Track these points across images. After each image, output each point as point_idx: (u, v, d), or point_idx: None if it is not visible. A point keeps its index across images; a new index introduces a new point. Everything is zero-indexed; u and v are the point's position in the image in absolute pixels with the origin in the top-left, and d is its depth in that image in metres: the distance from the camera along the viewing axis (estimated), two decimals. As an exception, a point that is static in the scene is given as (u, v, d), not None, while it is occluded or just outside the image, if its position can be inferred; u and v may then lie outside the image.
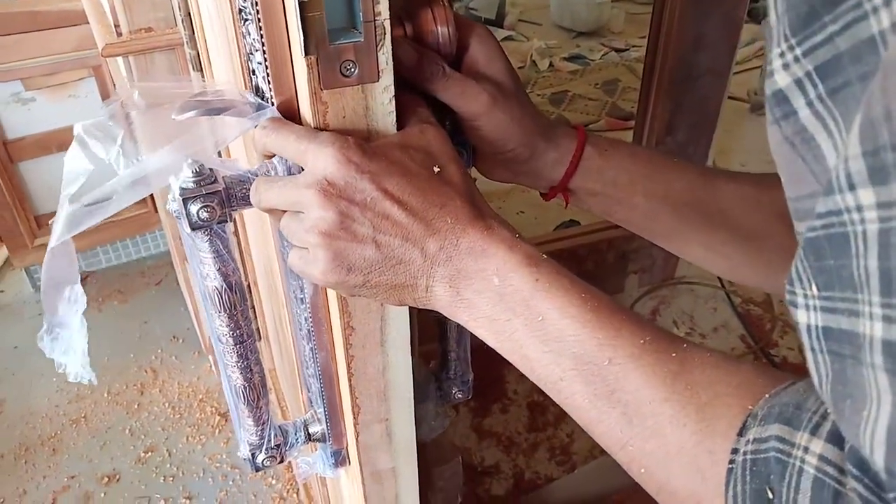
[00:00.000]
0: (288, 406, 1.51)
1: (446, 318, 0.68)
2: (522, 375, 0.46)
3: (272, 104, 0.47)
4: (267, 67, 0.46)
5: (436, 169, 0.45)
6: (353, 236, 0.43)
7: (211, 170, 0.50)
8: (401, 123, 0.48)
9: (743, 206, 0.60)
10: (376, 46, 0.43)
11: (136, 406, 1.88)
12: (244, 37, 0.50)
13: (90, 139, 0.48)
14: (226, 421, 1.84)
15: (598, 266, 2.03)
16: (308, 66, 0.42)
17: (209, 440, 1.79)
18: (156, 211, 2.23)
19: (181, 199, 0.49)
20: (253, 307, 1.52)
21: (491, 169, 0.61)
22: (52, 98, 1.94)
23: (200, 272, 0.54)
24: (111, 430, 1.82)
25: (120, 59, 1.35)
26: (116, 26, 1.31)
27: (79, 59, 1.88)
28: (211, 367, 1.97)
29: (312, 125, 0.45)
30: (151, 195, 2.18)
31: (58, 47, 1.83)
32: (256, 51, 0.47)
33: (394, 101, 0.46)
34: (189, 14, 1.26)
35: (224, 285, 0.54)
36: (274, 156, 0.48)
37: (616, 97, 3.14)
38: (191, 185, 0.49)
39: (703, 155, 1.91)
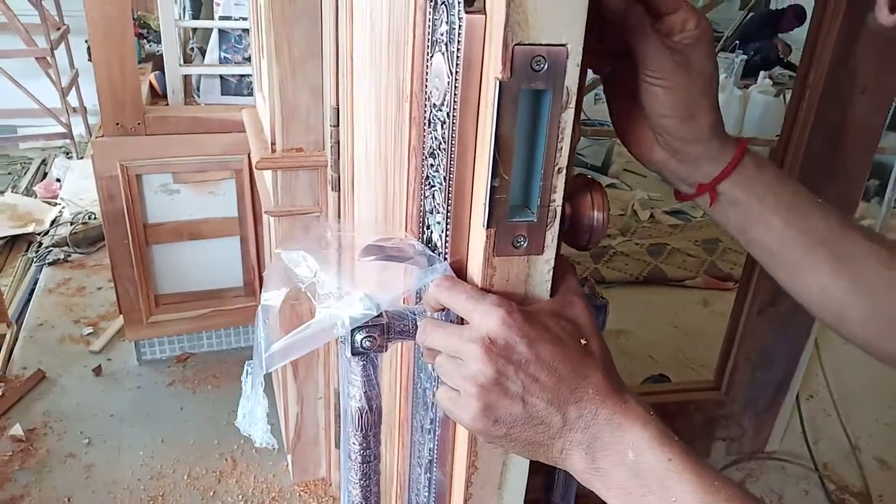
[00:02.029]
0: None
1: (554, 470, 0.70)
2: None
3: (444, 259, 0.54)
4: (447, 229, 0.53)
5: (583, 341, 0.50)
6: (505, 393, 0.48)
7: (378, 305, 0.56)
8: (552, 290, 0.53)
9: (873, 262, 0.61)
10: (546, 226, 0.50)
11: (211, 493, 1.92)
12: (424, 198, 0.58)
13: (291, 264, 0.56)
14: (293, 524, 1.85)
15: (684, 426, 1.99)
16: (487, 236, 0.49)
17: (275, 540, 1.80)
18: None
19: (350, 327, 0.55)
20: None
21: (650, 148, 0.63)
22: (194, 192, 2.13)
23: (348, 392, 0.60)
24: (184, 514, 1.87)
25: (269, 171, 1.50)
26: (273, 143, 1.46)
27: (224, 162, 2.08)
28: (287, 466, 2.00)
29: (479, 285, 0.51)
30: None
31: (210, 149, 2.04)
32: (438, 213, 0.54)
33: (552, 272, 0.52)
34: (338, 143, 1.41)
35: (366, 407, 0.60)
36: (444, 308, 0.54)
37: (716, 256, 3.15)
38: (360, 315, 0.55)
39: (807, 330, 1.88)
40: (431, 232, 0.57)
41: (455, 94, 0.49)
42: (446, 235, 0.53)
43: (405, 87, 0.72)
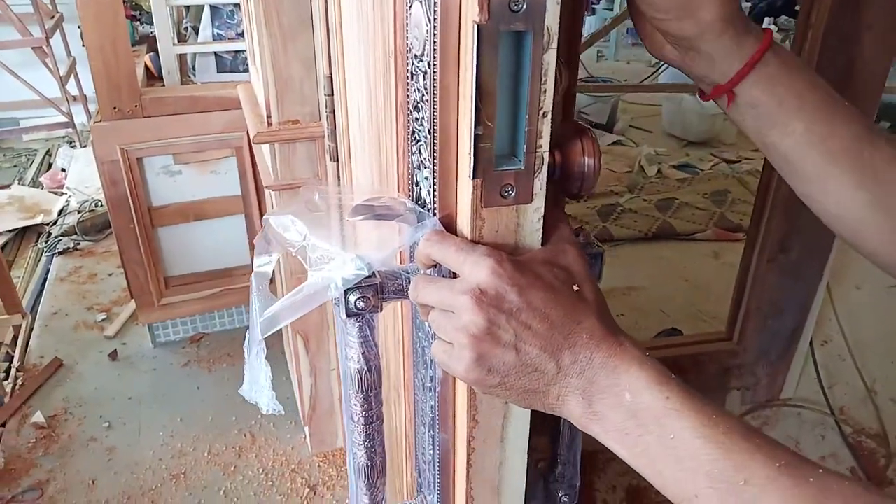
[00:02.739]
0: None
1: (559, 419, 0.70)
2: (613, 485, 0.48)
3: (433, 215, 0.53)
4: (434, 184, 0.52)
5: (575, 287, 0.49)
6: (498, 341, 0.47)
7: (369, 265, 0.56)
8: (545, 239, 0.53)
9: None
10: (533, 174, 0.49)
11: (232, 468, 1.95)
12: (411, 154, 0.57)
13: (279, 229, 0.55)
14: (314, 494, 1.88)
15: (699, 378, 1.99)
16: (474, 187, 0.48)
17: (297, 511, 1.83)
18: (272, 282, 2.37)
19: (343, 289, 0.55)
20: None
21: (662, 47, 0.59)
22: (196, 172, 2.13)
23: (346, 354, 0.60)
24: (207, 490, 1.89)
25: (267, 146, 1.49)
26: (268, 117, 1.45)
27: (224, 140, 2.07)
28: (305, 438, 2.02)
29: (469, 237, 0.50)
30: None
31: (208, 128, 2.03)
32: (425, 168, 0.53)
33: (542, 221, 0.51)
34: (333, 112, 1.39)
35: (365, 368, 0.60)
36: (435, 264, 0.53)
37: (725, 208, 3.12)
38: (352, 276, 0.55)
39: (818, 276, 1.87)
40: (420, 188, 0.56)
41: (434, 43, 0.48)
42: (434, 190, 0.53)
43: (390, 42, 0.70)
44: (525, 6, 0.44)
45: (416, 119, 0.54)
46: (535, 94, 0.46)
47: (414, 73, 0.53)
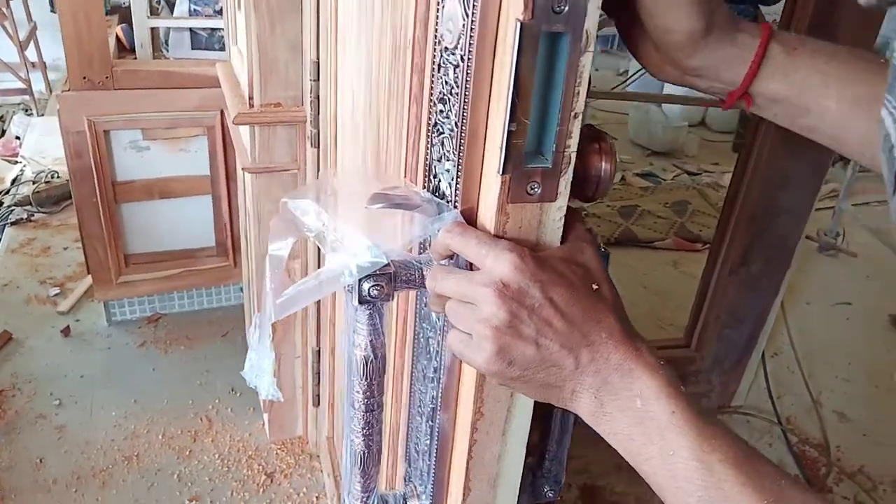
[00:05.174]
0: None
1: (552, 416, 0.72)
2: (569, 483, 0.48)
3: (454, 207, 0.54)
4: (458, 177, 0.52)
5: (594, 286, 0.50)
6: (519, 335, 0.48)
7: (386, 253, 0.56)
8: (563, 237, 0.54)
9: None
10: (560, 173, 0.50)
11: (187, 452, 1.92)
12: (430, 146, 0.57)
13: (298, 213, 0.55)
14: (271, 481, 1.86)
15: (656, 383, 2.03)
16: (502, 182, 0.49)
17: (252, 498, 1.81)
18: (235, 265, 2.33)
19: (357, 276, 0.55)
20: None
21: (661, 64, 0.57)
22: (164, 149, 2.08)
23: (353, 341, 0.60)
24: (160, 473, 1.86)
25: (246, 127, 1.47)
26: (250, 98, 1.43)
27: (196, 118, 2.03)
28: (264, 425, 2.00)
29: (492, 232, 0.51)
30: (236, 249, 2.29)
31: (180, 105, 1.99)
32: (448, 160, 0.54)
33: (563, 219, 0.52)
34: (318, 98, 1.38)
35: (371, 356, 0.60)
36: (452, 255, 0.54)
37: (685, 218, 3.20)
38: (367, 264, 0.55)
39: (775, 290, 1.93)
40: (439, 180, 0.57)
41: (471, 37, 0.48)
42: (457, 183, 0.53)
43: (404, 33, 0.70)
44: (567, 8, 0.44)
45: (441, 111, 0.54)
46: (570, 95, 0.47)
47: (442, 65, 0.53)
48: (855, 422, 2.24)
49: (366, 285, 0.55)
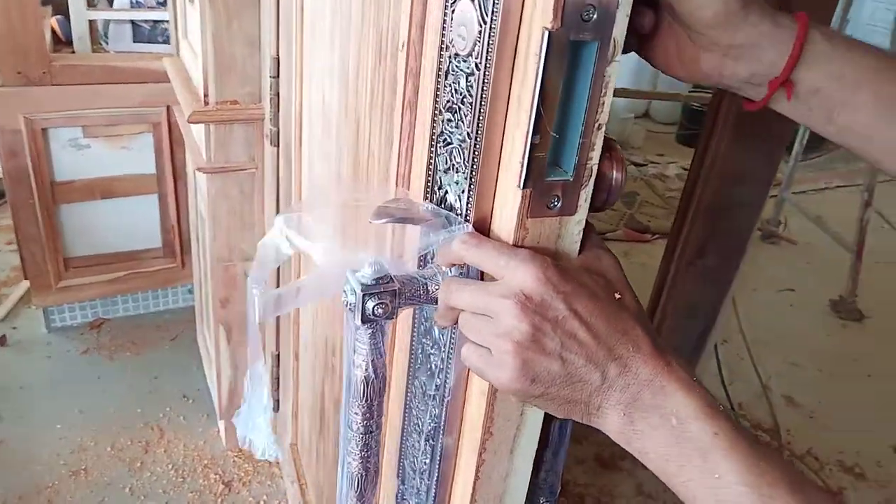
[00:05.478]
0: (312, 486, 1.49)
1: (549, 427, 0.70)
2: None
3: (465, 220, 0.51)
4: (470, 190, 0.50)
5: (616, 295, 0.48)
6: (542, 350, 0.46)
7: (385, 267, 0.53)
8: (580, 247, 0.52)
9: None
10: (581, 186, 0.48)
11: (138, 464, 1.84)
12: (436, 155, 0.54)
13: (290, 230, 0.51)
14: (229, 490, 1.80)
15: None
16: (522, 196, 0.46)
17: (211, 509, 1.75)
18: (183, 267, 2.25)
19: (361, 294, 0.52)
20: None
21: (696, 61, 0.54)
22: (106, 147, 1.99)
23: (353, 361, 0.57)
24: (110, 487, 1.78)
25: (201, 125, 1.40)
26: (205, 95, 1.37)
27: (141, 115, 1.94)
28: (219, 432, 1.94)
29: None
30: (185, 250, 2.20)
31: (124, 101, 1.90)
32: (458, 173, 0.51)
33: (582, 232, 0.50)
34: (278, 95, 1.33)
35: (372, 376, 0.57)
36: (459, 265, 0.51)
37: (634, 209, 3.25)
38: (371, 282, 0.52)
39: (729, 281, 1.97)
40: (446, 192, 0.54)
41: (490, 44, 0.46)
42: (469, 196, 0.50)
43: (394, 36, 0.67)
44: (595, 16, 0.42)
45: (450, 121, 0.52)
46: (595, 106, 0.45)
47: (451, 72, 0.51)
48: (802, 406, 2.32)
49: (370, 304, 0.52)
